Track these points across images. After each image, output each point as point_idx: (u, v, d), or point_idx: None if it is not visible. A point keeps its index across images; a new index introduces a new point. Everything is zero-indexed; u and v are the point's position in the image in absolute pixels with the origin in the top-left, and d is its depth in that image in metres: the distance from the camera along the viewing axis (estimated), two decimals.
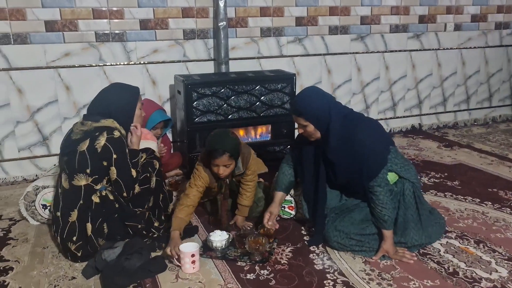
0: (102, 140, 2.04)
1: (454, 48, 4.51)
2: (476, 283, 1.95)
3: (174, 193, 2.94)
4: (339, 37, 4.01)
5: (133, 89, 2.28)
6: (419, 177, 2.28)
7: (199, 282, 1.99)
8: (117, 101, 2.17)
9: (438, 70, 4.51)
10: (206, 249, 2.23)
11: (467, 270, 2.05)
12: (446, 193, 2.95)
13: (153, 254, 2.17)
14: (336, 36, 3.99)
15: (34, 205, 2.51)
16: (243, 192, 2.47)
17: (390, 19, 4.16)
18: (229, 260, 2.15)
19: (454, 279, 1.99)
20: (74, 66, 3.26)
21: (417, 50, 4.35)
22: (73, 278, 2.03)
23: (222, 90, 3.16)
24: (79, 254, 2.10)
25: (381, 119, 4.39)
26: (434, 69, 4.49)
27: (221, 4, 3.39)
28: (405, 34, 4.26)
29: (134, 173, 2.13)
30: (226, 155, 2.22)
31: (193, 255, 2.03)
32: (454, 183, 3.13)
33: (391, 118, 4.44)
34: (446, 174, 3.30)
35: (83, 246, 2.09)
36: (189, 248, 2.06)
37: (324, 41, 3.97)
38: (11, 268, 2.12)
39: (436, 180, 3.18)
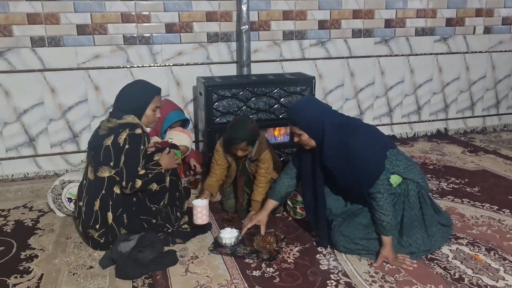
0: (124, 135, 2.18)
1: (484, 52, 4.41)
2: None
3: (193, 191, 3.06)
4: (363, 40, 4.01)
5: (152, 88, 2.34)
6: (424, 176, 2.28)
7: (207, 276, 2.08)
8: (134, 97, 2.28)
9: (466, 74, 4.42)
10: (217, 246, 2.32)
11: (473, 277, 2.05)
12: (463, 199, 2.91)
13: (166, 249, 2.28)
14: (359, 39, 4.00)
15: (61, 198, 2.68)
16: (255, 187, 2.63)
17: (416, 22, 4.13)
18: (237, 256, 2.24)
19: (459, 285, 1.99)
20: (103, 68, 3.43)
21: (444, 53, 4.29)
22: (91, 267, 2.17)
23: (242, 92, 3.24)
24: (102, 241, 2.25)
25: (405, 122, 4.36)
26: (462, 73, 4.40)
27: (244, 8, 3.48)
28: (432, 37, 4.21)
29: (141, 171, 2.23)
30: (243, 143, 2.49)
31: (200, 209, 2.37)
32: (474, 189, 3.08)
33: (415, 122, 4.39)
34: (466, 180, 3.26)
35: (105, 233, 2.24)
36: (199, 203, 2.38)
37: (347, 44, 3.98)
38: (36, 256, 2.28)
39: (456, 186, 3.14)
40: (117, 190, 2.22)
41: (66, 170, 3.47)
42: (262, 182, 2.63)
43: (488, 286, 1.98)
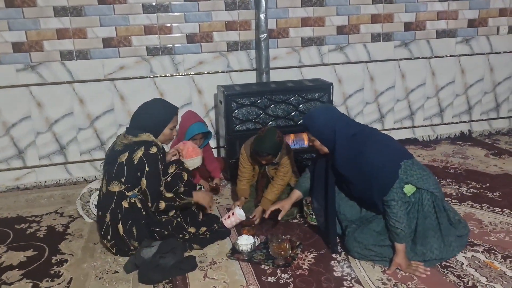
0: (139, 153, 2.29)
1: (508, 52, 4.33)
2: None
3: (214, 197, 3.16)
4: (382, 44, 4.02)
5: (171, 107, 2.45)
6: (440, 186, 2.30)
7: (224, 282, 2.17)
8: (153, 116, 2.38)
9: (491, 75, 4.36)
10: (234, 252, 2.41)
11: (487, 286, 2.06)
12: (483, 205, 2.90)
13: (186, 254, 2.39)
14: (378, 43, 4.01)
15: (89, 205, 2.84)
16: (270, 187, 2.77)
17: (437, 25, 4.10)
18: (254, 262, 2.32)
19: None
20: (128, 78, 3.58)
21: (466, 55, 4.24)
22: (116, 272, 2.30)
23: (260, 100, 3.32)
24: (113, 251, 2.39)
25: (427, 125, 4.34)
26: (485, 74, 4.34)
27: (262, 16, 3.55)
28: (453, 39, 4.17)
29: (169, 195, 2.37)
30: (270, 156, 2.65)
31: (233, 214, 2.65)
32: (494, 194, 3.06)
33: (438, 124, 4.36)
34: (488, 184, 3.23)
35: (116, 244, 2.37)
36: (241, 213, 2.66)
37: (366, 49, 4.00)
38: (66, 260, 2.44)
39: (476, 191, 3.12)
40: (125, 204, 2.32)
41: (95, 177, 3.65)
42: (278, 183, 2.76)
43: None
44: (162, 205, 2.35)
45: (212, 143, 3.86)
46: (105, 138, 3.66)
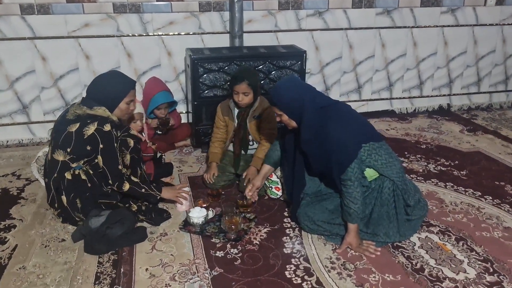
0: (92, 128, 2.18)
1: (494, 24, 4.18)
2: (437, 283, 1.94)
3: (177, 165, 3.09)
4: (363, 10, 3.85)
5: (128, 81, 2.32)
6: (404, 175, 2.22)
7: (171, 255, 2.13)
8: (108, 89, 2.26)
9: (474, 48, 4.23)
10: (187, 224, 2.36)
11: (434, 268, 2.04)
12: (447, 184, 2.86)
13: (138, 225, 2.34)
14: (360, 10, 3.84)
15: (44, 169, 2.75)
16: (259, 145, 2.76)
17: None
18: (205, 236, 2.28)
19: (417, 276, 1.99)
20: (93, 36, 3.41)
21: (451, 26, 4.09)
22: (63, 240, 2.25)
23: (229, 66, 3.19)
24: (60, 220, 2.34)
25: (405, 97, 4.24)
26: (469, 47, 4.21)
27: None
28: (438, 8, 4.00)
29: (135, 179, 2.31)
30: (245, 82, 2.61)
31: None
32: (461, 172, 3.02)
33: (416, 97, 4.27)
34: (456, 162, 3.18)
35: (61, 214, 2.31)
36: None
37: (347, 15, 3.83)
38: (14, 226, 2.38)
39: (443, 169, 3.08)
40: (68, 175, 2.24)
41: None
42: (266, 141, 2.72)
43: (447, 279, 1.97)
44: (126, 186, 2.27)
45: (182, 107, 3.74)
46: (69, 98, 3.53)
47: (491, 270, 2.03)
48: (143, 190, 2.32)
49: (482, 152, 3.37)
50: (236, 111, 2.78)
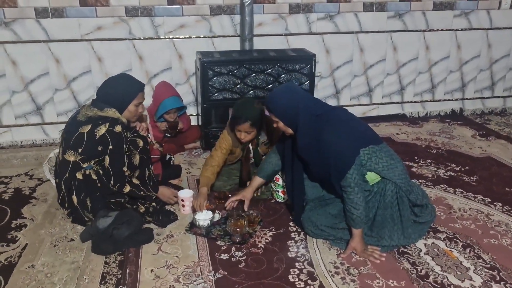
0: (103, 129, 2.24)
1: (509, 28, 4.12)
2: None
3: (186, 167, 3.12)
4: (375, 14, 3.83)
5: (137, 84, 2.36)
6: (407, 176, 2.20)
7: (176, 256, 2.16)
8: (118, 91, 2.31)
9: (488, 52, 4.17)
10: (193, 226, 2.39)
11: (440, 275, 2.02)
12: (457, 189, 2.83)
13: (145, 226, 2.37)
14: (371, 14, 3.82)
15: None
16: None
17: None
18: (210, 238, 2.30)
19: (422, 282, 1.97)
20: (105, 39, 3.46)
21: (464, 29, 4.04)
22: (72, 240, 2.29)
23: (238, 69, 3.21)
24: (70, 219, 2.39)
25: (417, 101, 4.20)
26: (483, 51, 4.16)
27: None
28: (451, 12, 3.96)
29: (135, 181, 2.35)
30: (247, 123, 2.48)
31: (183, 200, 2.49)
32: (471, 178, 2.98)
33: (428, 101, 4.23)
34: (467, 167, 3.14)
35: (72, 213, 2.36)
36: (183, 194, 2.52)
37: (358, 18, 3.82)
38: (25, 225, 2.43)
39: (453, 174, 3.04)
40: (79, 175, 2.29)
41: None
42: None
43: (452, 286, 1.95)
44: (127, 188, 2.33)
45: (193, 110, 3.77)
46: (82, 100, 3.59)
47: (498, 278, 2.00)
48: (141, 193, 2.39)
49: (494, 157, 3.33)
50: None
